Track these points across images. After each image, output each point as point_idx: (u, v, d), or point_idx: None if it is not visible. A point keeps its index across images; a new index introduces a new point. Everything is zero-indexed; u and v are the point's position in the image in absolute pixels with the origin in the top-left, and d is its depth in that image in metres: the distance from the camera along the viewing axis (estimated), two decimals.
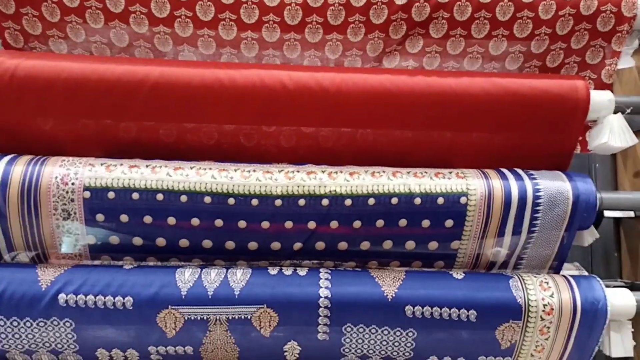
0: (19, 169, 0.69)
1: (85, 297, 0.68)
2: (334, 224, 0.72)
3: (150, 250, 0.73)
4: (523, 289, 0.71)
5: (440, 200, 0.71)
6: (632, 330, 0.73)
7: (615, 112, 0.76)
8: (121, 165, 0.71)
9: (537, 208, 0.71)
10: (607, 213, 0.87)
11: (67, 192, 0.69)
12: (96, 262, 0.74)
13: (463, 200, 0.71)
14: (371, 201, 0.71)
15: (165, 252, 0.73)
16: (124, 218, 0.70)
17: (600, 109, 0.76)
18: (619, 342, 0.73)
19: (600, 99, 0.76)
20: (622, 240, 0.90)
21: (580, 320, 0.70)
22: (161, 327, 0.69)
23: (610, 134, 0.75)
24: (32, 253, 0.72)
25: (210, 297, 0.69)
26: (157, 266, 0.73)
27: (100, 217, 0.70)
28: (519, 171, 0.75)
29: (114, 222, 0.70)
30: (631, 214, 0.86)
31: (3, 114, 0.74)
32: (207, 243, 0.73)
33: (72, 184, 0.69)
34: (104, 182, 0.69)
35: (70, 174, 0.70)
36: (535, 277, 0.73)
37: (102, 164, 0.71)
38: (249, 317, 0.69)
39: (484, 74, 0.80)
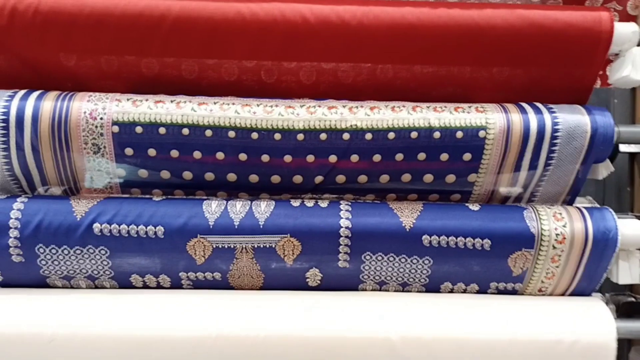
0: (48, 104, 0.71)
1: (119, 226, 0.71)
2: (354, 158, 0.74)
3: (178, 184, 0.76)
4: (537, 219, 0.73)
5: (459, 134, 0.72)
6: None
7: (639, 45, 0.76)
8: (147, 100, 0.73)
9: (555, 141, 0.72)
10: (622, 148, 0.88)
11: (96, 127, 0.71)
12: (126, 195, 0.77)
13: (482, 134, 0.72)
14: (391, 135, 0.72)
15: (191, 185, 0.76)
16: (151, 152, 0.73)
17: (624, 41, 0.75)
18: (626, 270, 0.76)
19: (624, 30, 0.75)
20: (635, 175, 0.91)
21: (591, 249, 0.73)
22: (191, 254, 0.73)
23: (632, 67, 0.75)
24: (65, 187, 0.76)
25: (236, 227, 0.72)
26: (185, 198, 0.76)
27: (129, 151, 0.73)
28: (539, 105, 0.75)
29: (142, 156, 0.73)
30: None
31: (27, 50, 0.75)
32: (231, 177, 0.75)
33: (101, 118, 0.71)
34: (132, 117, 0.71)
35: (99, 109, 0.71)
36: (549, 208, 0.75)
37: (128, 99, 0.73)
38: (273, 246, 0.73)
39: (507, 6, 0.78)
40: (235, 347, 0.70)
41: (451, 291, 0.77)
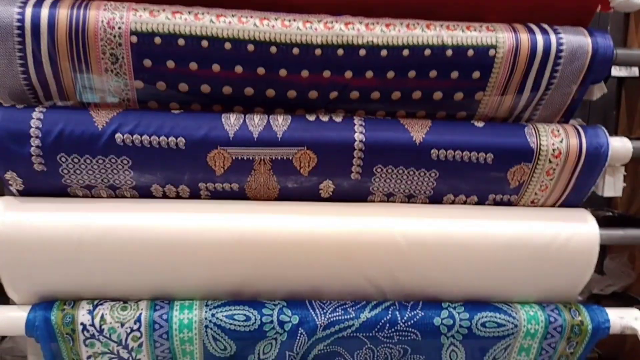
0: (64, 12, 0.70)
1: (141, 137, 0.73)
2: (369, 74, 0.76)
3: (195, 97, 0.77)
4: (536, 135, 0.79)
5: (470, 52, 0.75)
6: (625, 174, 0.83)
7: None
8: (164, 10, 0.72)
9: (559, 61, 0.76)
10: (613, 72, 0.93)
11: (114, 36, 0.71)
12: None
13: (491, 52, 0.75)
14: (405, 52, 0.75)
15: (209, 99, 0.77)
16: (170, 64, 0.73)
17: None
18: (611, 184, 0.83)
19: None
20: (622, 99, 0.98)
21: (583, 164, 0.79)
22: (211, 165, 0.75)
23: None
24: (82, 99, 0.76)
25: (255, 139, 0.75)
26: (203, 112, 0.78)
27: (147, 62, 0.73)
28: (545, 26, 0.78)
29: (160, 68, 0.73)
30: (635, 73, 0.92)
31: None
32: (249, 91, 0.77)
33: (119, 28, 0.70)
34: (150, 27, 0.71)
35: (116, 17, 0.70)
36: (547, 125, 0.80)
37: (145, 9, 0.72)
38: (290, 158, 0.76)
39: None
40: (258, 247, 0.75)
41: (452, 202, 0.83)
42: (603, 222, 0.88)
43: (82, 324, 0.74)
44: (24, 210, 0.74)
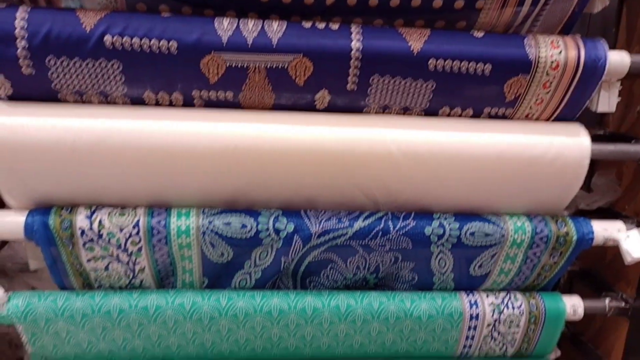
0: None
1: (131, 39, 0.71)
2: None
3: (185, 0, 0.74)
4: (535, 46, 0.78)
5: None
6: (620, 88, 0.83)
7: None
8: None
9: None
10: None
11: None
12: None
13: None
14: None
15: (199, 2, 0.74)
16: None
17: None
18: (605, 99, 0.83)
19: None
20: (623, 17, 0.95)
21: (580, 77, 0.78)
22: (204, 72, 0.74)
23: None
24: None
25: (249, 45, 0.73)
26: (194, 16, 0.75)
27: None
28: None
29: None
30: None
31: None
32: None
33: None
34: None
35: None
36: (547, 37, 0.79)
37: None
38: (285, 66, 0.75)
39: None
40: (253, 156, 0.75)
41: (448, 115, 0.83)
42: (594, 140, 0.90)
43: (80, 228, 0.75)
44: (15, 115, 0.73)
